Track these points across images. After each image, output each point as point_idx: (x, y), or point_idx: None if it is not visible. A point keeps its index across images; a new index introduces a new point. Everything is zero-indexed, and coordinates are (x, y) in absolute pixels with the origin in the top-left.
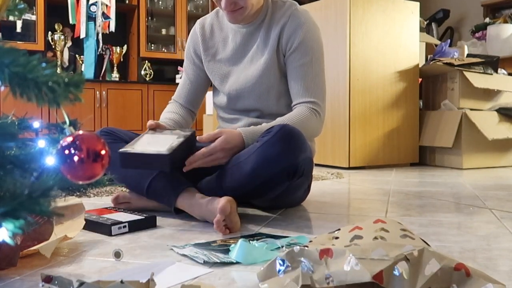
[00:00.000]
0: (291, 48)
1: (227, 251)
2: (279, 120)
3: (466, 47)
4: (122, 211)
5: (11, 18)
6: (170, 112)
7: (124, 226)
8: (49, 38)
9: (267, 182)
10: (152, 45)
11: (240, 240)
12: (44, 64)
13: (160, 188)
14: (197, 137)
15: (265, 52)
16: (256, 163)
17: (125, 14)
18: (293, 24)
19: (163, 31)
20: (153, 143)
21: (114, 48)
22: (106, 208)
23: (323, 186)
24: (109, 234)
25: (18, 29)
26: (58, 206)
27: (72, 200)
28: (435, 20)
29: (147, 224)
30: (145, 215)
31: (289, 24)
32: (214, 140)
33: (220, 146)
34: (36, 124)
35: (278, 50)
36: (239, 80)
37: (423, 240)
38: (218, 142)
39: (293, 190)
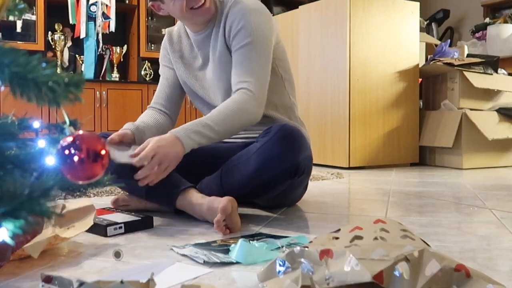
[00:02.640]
0: (232, 34)
1: (227, 251)
2: (213, 112)
3: (466, 47)
4: (119, 212)
5: (11, 18)
6: (150, 118)
7: (120, 227)
8: (49, 38)
9: (269, 182)
10: (152, 45)
11: (240, 240)
12: (44, 64)
13: (160, 189)
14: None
15: (217, 50)
16: (258, 164)
17: (125, 14)
18: (232, 14)
19: (163, 31)
20: (123, 149)
21: (114, 48)
22: (105, 208)
23: (323, 186)
24: (105, 235)
25: (18, 29)
26: (70, 210)
27: (84, 202)
28: (435, 20)
29: (144, 225)
30: (141, 215)
31: (230, 15)
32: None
33: (153, 149)
34: (36, 124)
35: (227, 45)
36: (207, 83)
37: (423, 241)
38: (148, 147)
39: (294, 189)
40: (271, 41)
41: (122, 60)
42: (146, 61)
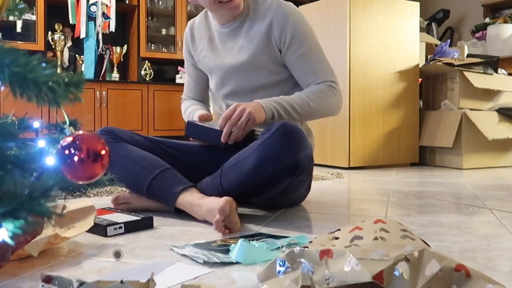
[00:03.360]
0: (285, 43)
1: (227, 251)
2: (297, 94)
3: (466, 47)
4: (119, 212)
5: (11, 18)
6: (195, 105)
7: (120, 227)
8: (49, 38)
9: (268, 180)
10: (152, 45)
11: (240, 240)
12: (44, 64)
13: (160, 188)
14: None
15: (252, 46)
16: (257, 161)
17: (125, 14)
18: (280, 18)
19: (163, 31)
20: (211, 125)
21: (114, 48)
22: (105, 208)
23: (323, 186)
24: (105, 235)
25: (18, 29)
26: (70, 210)
27: (84, 202)
28: (435, 20)
29: (144, 225)
30: (141, 215)
31: (277, 19)
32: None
33: (238, 104)
34: (36, 124)
35: (270, 42)
36: (220, 76)
37: (423, 241)
38: (235, 104)
39: (294, 189)
40: (318, 40)
41: (122, 60)
42: (146, 61)
